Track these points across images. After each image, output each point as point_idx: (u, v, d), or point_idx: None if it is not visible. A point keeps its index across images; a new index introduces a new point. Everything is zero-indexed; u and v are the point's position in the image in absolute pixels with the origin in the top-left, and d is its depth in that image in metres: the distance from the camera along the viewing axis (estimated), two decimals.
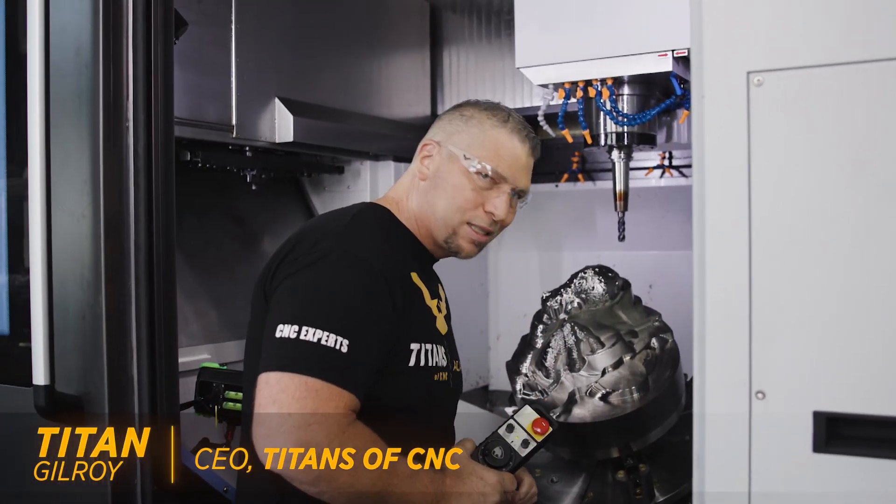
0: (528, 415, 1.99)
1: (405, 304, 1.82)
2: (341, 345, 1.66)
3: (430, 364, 1.88)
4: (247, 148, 2.92)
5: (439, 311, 2.02)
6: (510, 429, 1.96)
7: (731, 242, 1.28)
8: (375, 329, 1.74)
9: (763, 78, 1.26)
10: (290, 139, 2.90)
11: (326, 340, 1.65)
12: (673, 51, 2.44)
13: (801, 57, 1.26)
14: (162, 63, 2.00)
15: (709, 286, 1.30)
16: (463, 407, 2.27)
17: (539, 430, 1.97)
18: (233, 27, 2.75)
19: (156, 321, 1.99)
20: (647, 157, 3.70)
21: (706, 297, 1.30)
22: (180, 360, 2.65)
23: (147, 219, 1.97)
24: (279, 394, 1.62)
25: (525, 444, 1.95)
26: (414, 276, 1.92)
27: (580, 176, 3.85)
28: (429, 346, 1.89)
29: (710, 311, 1.30)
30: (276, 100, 2.90)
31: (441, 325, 2.01)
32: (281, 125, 2.91)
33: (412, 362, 1.84)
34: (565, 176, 3.87)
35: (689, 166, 3.64)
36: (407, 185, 2.05)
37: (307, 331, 1.65)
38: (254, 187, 3.05)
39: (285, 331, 1.67)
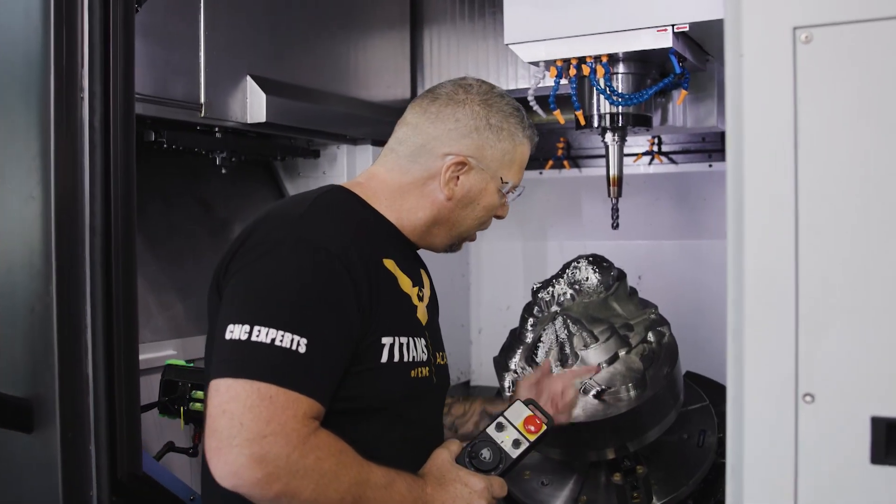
0: (519, 412, 1.82)
1: (374, 293, 1.65)
2: (298, 344, 1.50)
3: (405, 359, 1.72)
4: (216, 128, 2.76)
5: (420, 299, 1.86)
6: (500, 428, 1.79)
7: (774, 221, 1.11)
8: (337, 324, 1.58)
9: (811, 34, 1.10)
10: (263, 119, 2.75)
11: (281, 340, 1.49)
12: (673, 26, 2.31)
13: (855, 10, 1.09)
14: (122, 28, 1.81)
15: (747, 272, 1.13)
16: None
17: (532, 428, 1.80)
18: None
19: (114, 314, 1.80)
20: (635, 143, 3.61)
21: (744, 284, 1.13)
22: (143, 356, 2.50)
23: (104, 200, 1.78)
24: (229, 402, 1.46)
25: (516, 444, 1.78)
26: (388, 262, 1.76)
27: (565, 162, 3.75)
28: (404, 340, 1.73)
29: (749, 300, 1.13)
30: (248, 78, 2.75)
31: (422, 315, 1.85)
32: (253, 104, 2.76)
33: (384, 358, 1.67)
34: (550, 162, 3.79)
35: (678, 152, 3.57)
36: (402, 185, 1.84)
37: (259, 331, 1.50)
38: (223, 171, 2.89)
39: (236, 332, 1.51)
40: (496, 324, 3.86)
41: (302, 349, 1.49)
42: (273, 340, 1.48)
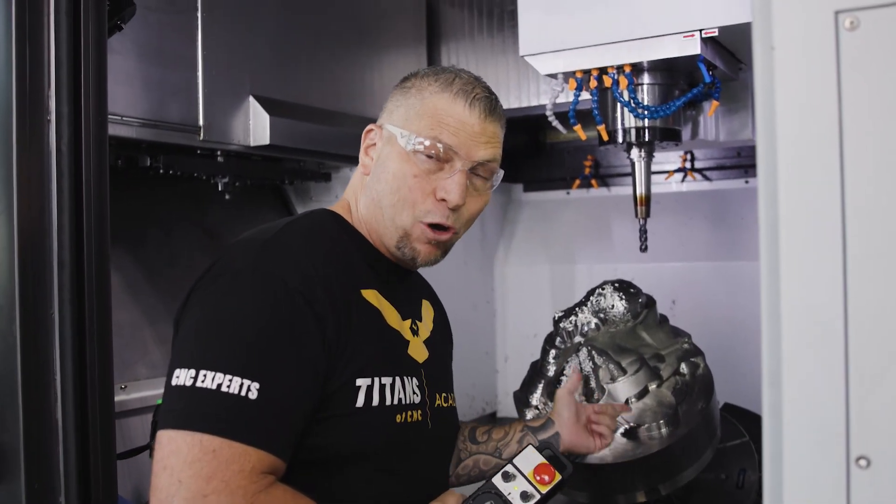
0: (530, 458, 1.60)
1: (343, 330, 1.48)
2: (248, 389, 1.33)
3: (389, 402, 1.54)
4: (218, 152, 2.61)
5: (414, 333, 1.69)
6: (507, 477, 1.56)
7: (818, 243, 0.92)
8: (297, 365, 1.40)
9: (858, 18, 0.91)
10: (267, 142, 2.61)
11: (228, 386, 1.33)
12: (701, 31, 2.13)
13: None
14: (94, 45, 1.67)
15: (785, 308, 0.93)
16: None
17: (545, 478, 1.57)
18: (199, 14, 2.44)
19: (87, 354, 1.65)
20: (666, 160, 3.46)
21: (781, 323, 0.93)
22: (139, 394, 2.37)
23: (74, 231, 1.64)
24: (170, 457, 1.30)
25: (525, 497, 1.54)
26: (369, 293, 1.59)
27: (593, 181, 3.63)
28: (387, 381, 1.54)
29: (787, 342, 0.93)
30: (251, 98, 2.61)
31: (417, 351, 1.67)
32: (256, 126, 2.62)
33: (360, 402, 1.49)
34: (577, 182, 3.68)
35: (713, 169, 3.40)
36: (356, 183, 1.73)
37: (205, 375, 1.34)
38: (227, 196, 2.73)
39: (181, 377, 1.36)
40: (523, 352, 3.69)
41: (252, 395, 1.33)
42: (219, 386, 1.32)
